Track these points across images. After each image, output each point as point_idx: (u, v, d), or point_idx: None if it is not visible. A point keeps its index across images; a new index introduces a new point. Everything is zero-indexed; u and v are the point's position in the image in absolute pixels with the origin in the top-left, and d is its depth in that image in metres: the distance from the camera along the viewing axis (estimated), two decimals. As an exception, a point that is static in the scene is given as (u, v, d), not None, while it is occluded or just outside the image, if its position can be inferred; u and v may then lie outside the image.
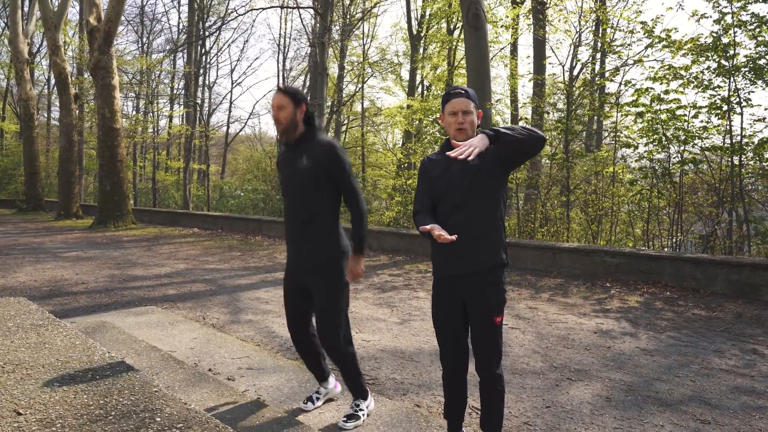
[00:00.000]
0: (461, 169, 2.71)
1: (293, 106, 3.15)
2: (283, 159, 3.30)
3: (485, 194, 2.68)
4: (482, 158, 2.68)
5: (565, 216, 11.78)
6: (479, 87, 12.02)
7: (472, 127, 2.71)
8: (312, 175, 3.11)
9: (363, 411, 3.28)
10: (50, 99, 38.52)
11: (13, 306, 4.02)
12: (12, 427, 2.09)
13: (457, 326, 2.79)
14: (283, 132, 3.19)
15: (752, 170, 9.72)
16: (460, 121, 2.68)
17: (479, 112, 2.75)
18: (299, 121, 3.20)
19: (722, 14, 9.34)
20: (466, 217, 2.68)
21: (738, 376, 4.32)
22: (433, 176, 2.81)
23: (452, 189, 2.71)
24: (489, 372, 2.73)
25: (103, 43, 16.24)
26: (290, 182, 3.19)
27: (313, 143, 3.18)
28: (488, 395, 2.77)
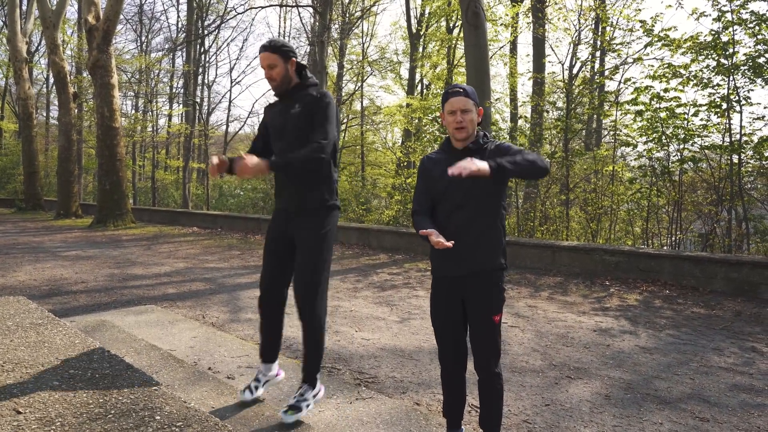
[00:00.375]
0: None
1: (283, 62, 3.10)
2: (273, 108, 3.24)
3: (486, 195, 2.68)
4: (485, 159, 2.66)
5: (565, 215, 11.78)
6: (479, 86, 12.02)
7: (471, 125, 2.70)
8: (304, 121, 3.06)
9: (307, 402, 3.11)
10: (49, 98, 38.52)
11: (12, 305, 4.02)
12: (12, 426, 2.09)
13: (456, 325, 2.79)
14: (279, 89, 3.14)
15: (752, 168, 9.73)
16: (459, 119, 2.67)
17: (480, 109, 2.73)
18: (292, 74, 3.15)
19: (722, 12, 9.35)
20: (466, 217, 2.68)
21: (737, 374, 4.33)
22: (433, 176, 2.80)
23: (453, 189, 2.71)
24: (487, 371, 2.73)
25: (102, 42, 16.22)
26: (283, 129, 3.13)
27: (305, 92, 3.13)
28: (487, 394, 2.77)
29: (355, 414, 3.38)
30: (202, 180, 33.60)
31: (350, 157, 35.68)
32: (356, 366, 4.42)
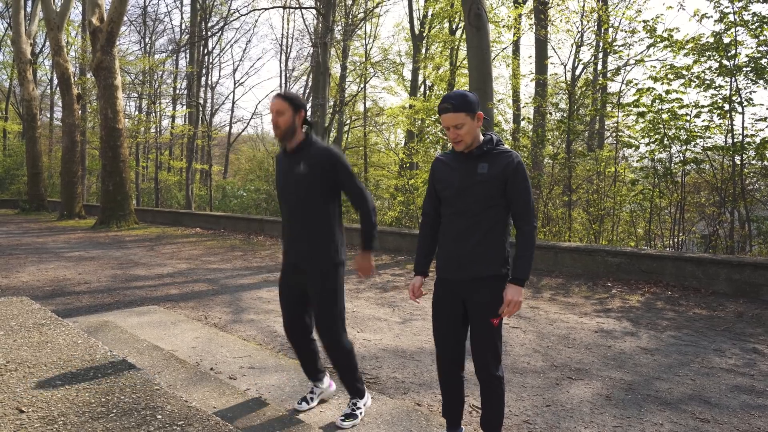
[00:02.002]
0: (465, 176, 2.70)
1: (292, 112, 3.15)
2: (280, 165, 3.31)
3: (488, 204, 2.66)
4: (491, 172, 2.66)
5: (567, 216, 11.78)
6: (481, 87, 12.03)
7: (468, 136, 2.65)
8: (310, 180, 3.13)
9: (360, 410, 3.29)
10: (53, 99, 38.60)
11: (15, 305, 4.04)
12: (15, 425, 2.11)
13: (455, 325, 2.80)
14: (282, 137, 3.20)
15: (754, 170, 9.72)
16: (453, 136, 2.65)
17: (478, 113, 2.66)
18: (298, 126, 3.20)
19: (723, 14, 9.34)
20: (467, 225, 2.69)
21: (738, 375, 4.33)
22: (440, 179, 2.81)
23: (454, 195, 2.71)
24: (487, 373, 2.73)
25: (106, 44, 16.27)
26: (288, 188, 3.21)
27: (311, 149, 3.19)
28: (488, 397, 2.77)
29: (356, 414, 3.39)
30: (205, 181, 33.67)
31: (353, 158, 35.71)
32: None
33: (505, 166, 2.64)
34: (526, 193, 2.65)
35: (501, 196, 2.67)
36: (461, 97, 2.62)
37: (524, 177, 2.66)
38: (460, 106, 2.60)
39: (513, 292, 2.62)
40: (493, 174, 2.64)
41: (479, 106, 2.69)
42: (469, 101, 2.62)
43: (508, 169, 2.63)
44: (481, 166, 2.67)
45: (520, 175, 2.64)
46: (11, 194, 29.79)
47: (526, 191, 2.66)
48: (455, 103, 2.60)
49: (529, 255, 2.63)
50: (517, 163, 2.65)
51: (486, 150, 2.69)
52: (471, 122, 2.63)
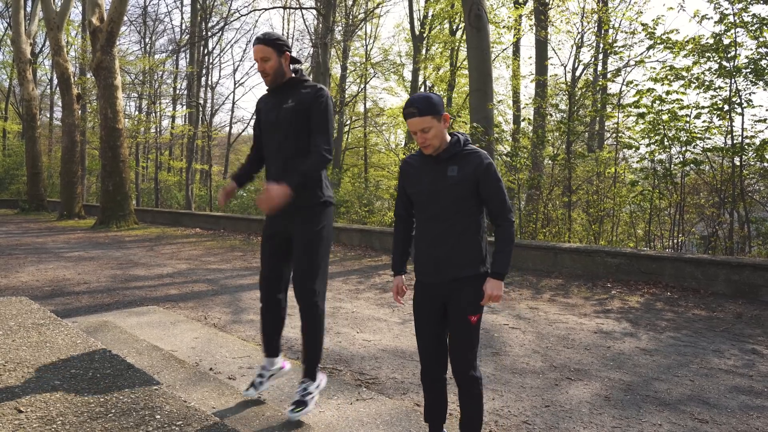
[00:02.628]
0: (435, 181, 2.66)
1: (277, 55, 3.08)
2: (266, 101, 3.23)
3: (461, 206, 2.63)
4: (461, 175, 2.62)
5: (567, 216, 11.78)
6: (481, 88, 12.04)
7: (436, 139, 2.61)
8: (298, 115, 3.06)
9: (312, 394, 3.16)
10: (53, 99, 38.63)
11: (14, 305, 4.04)
12: (13, 425, 2.11)
13: (437, 327, 2.75)
14: (273, 83, 3.13)
15: (753, 171, 9.73)
16: (421, 141, 2.61)
17: (444, 115, 2.60)
18: (286, 68, 3.13)
19: (723, 15, 9.35)
20: (441, 229, 2.65)
21: (737, 375, 4.33)
22: (410, 183, 2.77)
23: (425, 200, 2.69)
24: (464, 374, 2.66)
25: (106, 44, 16.28)
26: (275, 123, 3.13)
27: (300, 86, 3.12)
28: (465, 398, 2.71)
29: (355, 414, 3.40)
30: (205, 181, 33.69)
31: (353, 158, 35.74)
32: (357, 367, 4.43)
33: (475, 167, 2.61)
34: (500, 191, 2.63)
35: (473, 197, 2.65)
36: (425, 100, 2.56)
37: (496, 176, 2.63)
38: (425, 110, 2.55)
39: (492, 286, 2.61)
40: (463, 176, 2.61)
41: (444, 107, 2.64)
42: (433, 103, 2.56)
43: (478, 170, 2.61)
44: (451, 169, 2.64)
45: (491, 175, 2.62)
46: (11, 194, 29.80)
47: (500, 190, 2.63)
48: (420, 107, 2.55)
49: (508, 250, 2.62)
50: (487, 164, 2.62)
51: (454, 152, 2.65)
52: (438, 125, 2.59)
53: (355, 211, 17.86)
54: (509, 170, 12.18)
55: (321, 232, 3.11)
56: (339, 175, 24.82)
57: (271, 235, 3.24)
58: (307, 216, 3.09)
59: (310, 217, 3.09)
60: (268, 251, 3.24)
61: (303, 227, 3.08)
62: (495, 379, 4.18)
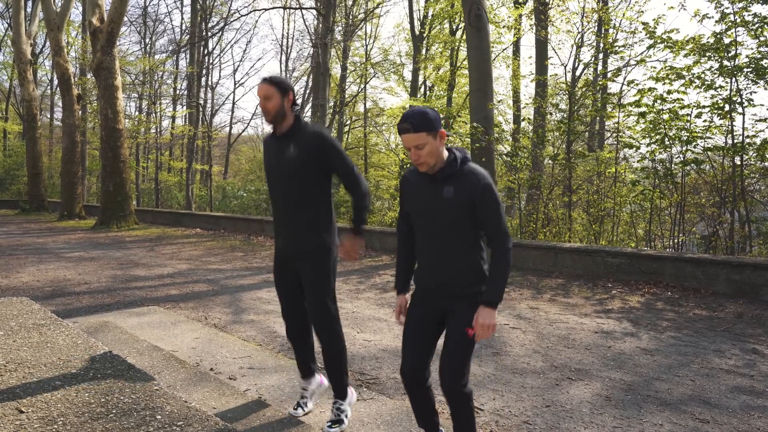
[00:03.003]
0: (430, 201, 2.61)
1: (280, 96, 3.12)
2: (269, 148, 3.27)
3: (458, 227, 2.57)
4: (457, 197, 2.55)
5: (567, 216, 11.78)
6: (481, 87, 12.04)
7: (430, 156, 2.52)
8: (299, 163, 3.09)
9: (345, 413, 3.24)
10: (53, 100, 38.64)
11: (15, 305, 4.04)
12: (14, 425, 2.11)
13: (428, 331, 2.69)
14: (272, 121, 3.17)
15: (754, 170, 9.72)
16: (415, 157, 2.53)
17: (440, 132, 2.51)
18: (287, 110, 3.16)
19: (724, 14, 9.34)
20: (440, 249, 2.61)
21: (738, 375, 4.33)
22: (408, 199, 2.74)
23: (422, 220, 2.64)
24: (455, 389, 2.56)
25: (106, 44, 16.28)
26: (278, 172, 3.17)
27: (301, 132, 3.15)
28: (457, 414, 2.62)
29: (356, 414, 3.40)
30: (205, 181, 33.69)
31: (353, 158, 35.68)
32: (358, 367, 4.44)
33: (471, 189, 2.52)
34: (497, 216, 2.53)
35: (471, 218, 2.57)
36: (421, 116, 2.47)
37: (493, 199, 2.53)
38: (420, 126, 2.47)
39: (485, 315, 2.49)
40: (459, 197, 2.54)
41: (441, 123, 2.55)
42: (429, 119, 2.48)
43: (475, 193, 2.52)
44: (447, 190, 2.56)
45: (488, 199, 2.52)
46: (11, 194, 29.82)
47: (497, 214, 2.53)
48: (415, 122, 2.47)
49: (501, 277, 2.52)
50: (483, 186, 2.52)
51: (451, 173, 2.57)
52: (433, 142, 2.50)
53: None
54: (509, 170, 12.18)
55: (328, 273, 3.20)
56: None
57: (282, 277, 3.32)
58: (312, 262, 3.17)
59: (315, 264, 3.17)
60: (284, 289, 3.33)
61: (309, 272, 3.17)
62: (495, 379, 4.18)
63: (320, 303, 3.15)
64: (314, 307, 3.16)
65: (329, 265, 3.19)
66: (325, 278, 3.16)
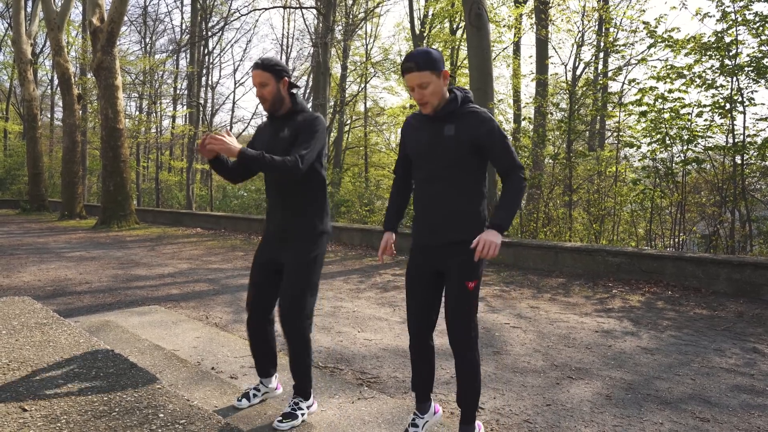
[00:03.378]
0: (431, 140, 2.59)
1: (275, 81, 3.04)
2: (264, 129, 3.23)
3: (458, 167, 2.56)
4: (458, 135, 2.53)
5: (568, 216, 11.78)
6: (482, 87, 12.04)
7: (434, 96, 2.51)
8: (291, 145, 3.03)
9: (303, 411, 3.10)
10: (53, 99, 38.67)
11: (17, 305, 4.05)
12: (18, 423, 2.12)
13: (426, 292, 2.70)
14: (271, 108, 3.10)
15: (755, 169, 9.73)
16: (418, 97, 2.52)
17: (444, 71, 2.51)
18: (285, 94, 3.10)
19: (725, 13, 9.35)
20: (436, 191, 2.59)
21: (738, 374, 4.33)
22: (408, 142, 2.73)
23: (422, 161, 2.62)
24: (462, 341, 2.58)
25: (106, 44, 16.29)
26: (271, 152, 3.09)
27: (298, 115, 3.10)
28: (461, 370, 2.65)
29: (357, 413, 3.40)
30: (206, 181, 33.71)
31: (354, 158, 35.75)
32: (358, 366, 4.44)
33: (474, 128, 2.52)
34: (507, 150, 2.52)
35: (471, 158, 2.55)
36: (425, 55, 2.47)
37: (500, 135, 2.52)
38: (425, 65, 2.46)
39: (489, 234, 2.45)
40: (460, 136, 2.53)
41: (444, 63, 2.54)
42: (433, 59, 2.48)
43: (479, 132, 2.51)
44: (448, 128, 2.55)
45: (495, 136, 2.51)
46: (12, 194, 29.84)
47: (506, 149, 2.52)
48: (419, 61, 2.46)
49: (512, 204, 2.49)
50: (488, 126, 2.51)
51: (451, 110, 2.56)
52: (437, 81, 2.50)
53: (355, 211, 17.87)
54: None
55: (313, 261, 3.08)
56: (339, 174, 24.83)
57: (263, 263, 3.20)
58: (301, 245, 3.07)
59: (303, 247, 3.07)
60: (258, 276, 3.21)
61: (295, 256, 3.06)
62: (496, 378, 4.19)
63: (296, 291, 3.01)
64: (288, 293, 3.01)
65: (317, 251, 3.10)
66: (310, 264, 3.05)
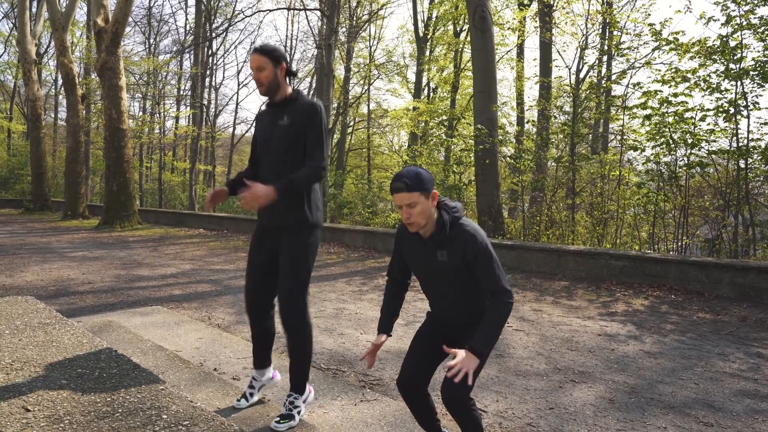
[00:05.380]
0: (428, 263, 2.63)
1: (272, 66, 3.06)
2: (263, 116, 3.24)
3: (459, 284, 2.61)
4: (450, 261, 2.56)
5: (571, 219, 11.77)
6: (485, 89, 12.06)
7: (421, 216, 2.51)
8: (291, 134, 3.06)
9: (299, 408, 3.11)
10: (57, 99, 38.77)
11: (20, 305, 4.05)
12: (21, 423, 2.12)
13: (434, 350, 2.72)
14: (266, 93, 3.12)
15: (759, 174, 9.71)
16: (405, 216, 2.52)
17: (433, 193, 2.52)
18: (281, 80, 3.12)
19: (730, 17, 9.34)
20: (447, 302, 2.68)
21: (742, 379, 4.32)
22: (406, 253, 2.76)
23: (425, 278, 2.70)
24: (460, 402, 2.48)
25: (111, 44, 16.32)
26: (269, 142, 3.13)
27: (297, 103, 3.11)
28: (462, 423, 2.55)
29: (359, 416, 3.40)
30: (209, 182, 33.74)
31: (357, 159, 35.76)
32: (361, 368, 4.44)
33: (462, 253, 2.54)
34: (493, 274, 2.50)
35: (470, 276, 2.59)
36: (416, 176, 2.48)
37: (487, 257, 2.50)
38: (414, 186, 2.47)
39: (465, 358, 2.39)
40: (453, 262, 2.56)
41: (433, 184, 2.56)
42: (422, 180, 2.48)
43: (467, 256, 2.53)
44: (441, 254, 2.59)
45: (480, 259, 2.50)
46: (15, 194, 29.92)
47: (493, 273, 2.50)
48: (409, 182, 2.47)
49: (493, 328, 2.44)
50: (474, 249, 2.51)
51: (441, 239, 2.57)
52: (425, 202, 2.51)
53: (358, 213, 17.87)
54: (513, 172, 12.17)
55: (306, 253, 3.09)
56: (342, 176, 24.83)
57: (257, 252, 3.22)
58: (293, 238, 3.08)
59: (296, 239, 3.08)
60: (254, 266, 3.22)
61: (290, 245, 3.07)
62: (499, 381, 4.18)
63: (291, 284, 3.04)
64: (284, 286, 3.04)
65: (310, 243, 3.10)
66: (303, 256, 3.07)
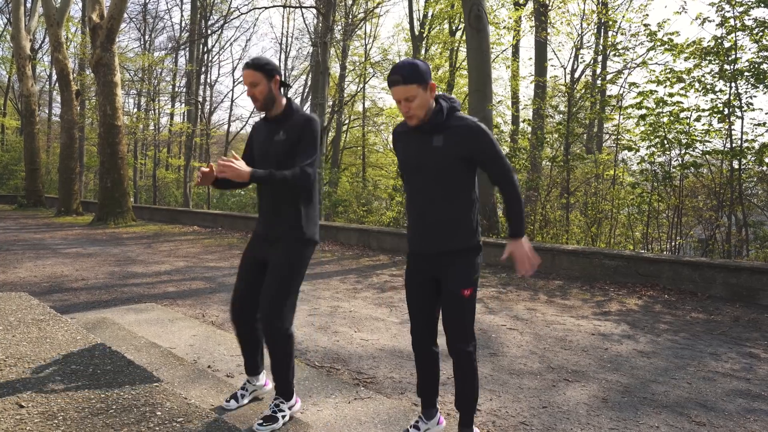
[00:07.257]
0: (420, 153, 2.60)
1: (266, 80, 3.03)
2: (258, 133, 3.22)
3: (447, 180, 2.57)
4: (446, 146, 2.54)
5: (565, 218, 11.80)
6: (480, 88, 12.06)
7: (420, 109, 2.50)
8: (287, 148, 3.04)
9: (284, 413, 3.02)
10: (51, 95, 38.55)
11: (14, 301, 4.04)
12: (15, 419, 2.12)
13: (427, 298, 2.74)
14: (263, 108, 3.09)
15: (752, 174, 9.75)
16: (405, 110, 2.51)
17: (430, 84, 2.50)
18: (276, 94, 3.09)
19: (725, 18, 9.37)
20: (429, 200, 2.61)
21: (735, 378, 4.34)
22: (400, 153, 2.75)
23: (413, 170, 2.64)
24: (457, 349, 2.63)
25: (106, 40, 16.25)
26: (266, 155, 3.11)
27: (292, 117, 3.09)
28: (459, 374, 2.69)
29: (353, 414, 3.40)
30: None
31: (351, 158, 35.75)
32: (355, 366, 4.44)
33: (463, 139, 2.52)
34: (497, 156, 2.54)
35: (461, 168, 2.56)
36: (412, 67, 2.45)
37: (489, 141, 2.52)
38: (411, 77, 2.44)
39: (515, 246, 2.57)
40: (448, 147, 2.53)
41: (431, 75, 2.52)
42: (420, 71, 2.46)
43: (467, 140, 2.51)
44: (436, 139, 2.55)
45: (484, 143, 2.52)
46: (9, 190, 29.78)
47: (496, 154, 2.54)
48: (405, 74, 2.44)
49: (518, 212, 2.59)
50: (475, 132, 2.52)
51: (437, 122, 2.55)
52: (423, 94, 2.49)
53: (353, 211, 17.86)
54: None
55: (297, 264, 3.07)
56: (337, 174, 24.82)
57: (250, 262, 3.21)
58: (286, 250, 3.06)
59: (288, 251, 3.06)
60: (244, 275, 3.21)
61: (280, 258, 3.05)
62: (492, 380, 4.19)
63: (276, 292, 2.99)
64: (268, 293, 3.00)
65: (301, 257, 3.08)
66: (292, 269, 3.04)
